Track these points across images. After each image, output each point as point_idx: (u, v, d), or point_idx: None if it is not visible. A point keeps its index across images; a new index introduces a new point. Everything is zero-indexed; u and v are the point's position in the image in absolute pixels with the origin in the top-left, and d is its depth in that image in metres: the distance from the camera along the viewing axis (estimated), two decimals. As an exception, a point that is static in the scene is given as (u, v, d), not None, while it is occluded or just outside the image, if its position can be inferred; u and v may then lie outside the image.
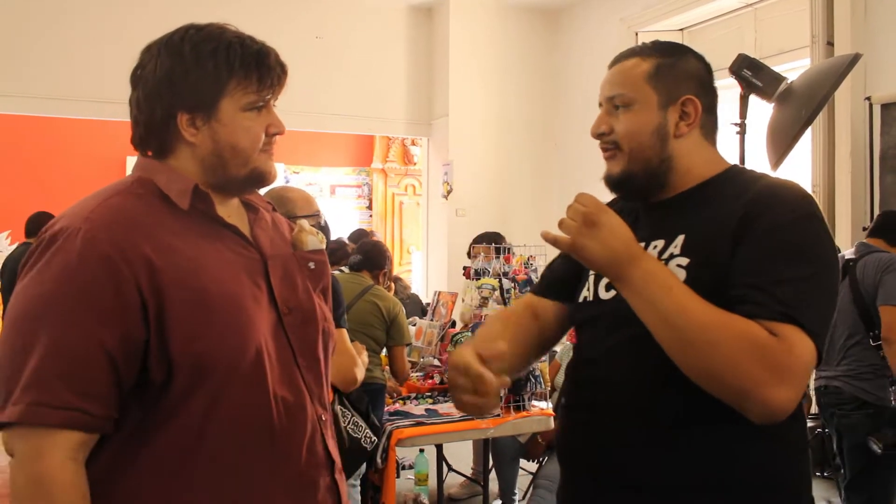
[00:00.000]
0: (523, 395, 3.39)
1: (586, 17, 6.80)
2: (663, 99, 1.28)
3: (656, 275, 1.14)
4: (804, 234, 1.16)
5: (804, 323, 1.08)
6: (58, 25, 5.93)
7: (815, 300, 1.12)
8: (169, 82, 1.16)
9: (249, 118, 1.19)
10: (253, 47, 1.19)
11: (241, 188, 1.25)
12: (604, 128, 1.31)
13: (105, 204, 1.13)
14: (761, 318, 1.09)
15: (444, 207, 6.87)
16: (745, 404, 1.09)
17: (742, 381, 1.07)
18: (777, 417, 1.09)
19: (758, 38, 5.43)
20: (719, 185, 1.27)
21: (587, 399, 1.32)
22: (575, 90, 6.85)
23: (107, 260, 1.06)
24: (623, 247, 1.16)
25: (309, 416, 1.23)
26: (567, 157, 6.86)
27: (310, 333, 1.28)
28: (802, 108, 2.40)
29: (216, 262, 1.17)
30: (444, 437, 3.41)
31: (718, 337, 1.08)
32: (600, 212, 1.17)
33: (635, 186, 1.32)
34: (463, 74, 6.80)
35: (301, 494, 1.21)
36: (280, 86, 1.23)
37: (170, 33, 1.21)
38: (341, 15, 6.75)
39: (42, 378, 1.03)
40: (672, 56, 1.31)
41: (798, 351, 1.08)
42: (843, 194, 4.67)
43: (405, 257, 9.76)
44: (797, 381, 1.08)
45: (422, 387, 3.93)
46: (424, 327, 4.43)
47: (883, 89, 4.31)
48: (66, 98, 5.98)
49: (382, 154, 10.01)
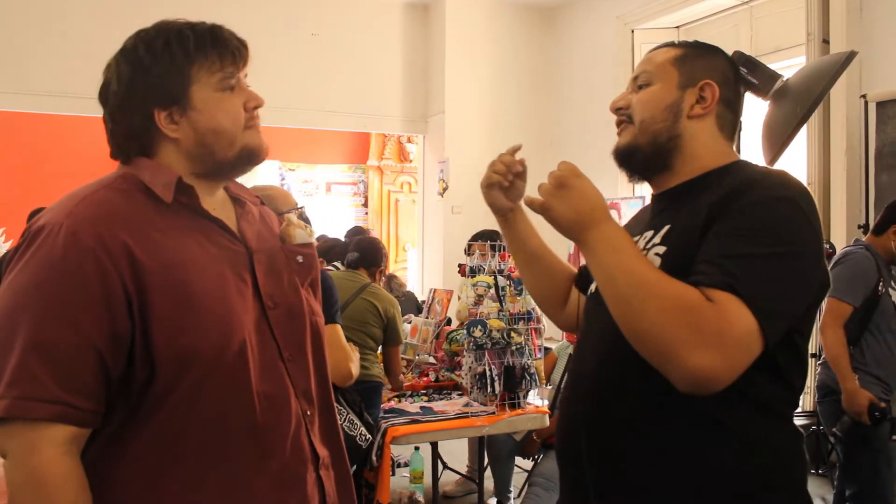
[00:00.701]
0: (518, 392, 3.39)
1: (583, 14, 6.79)
2: (684, 79, 1.30)
3: (610, 237, 1.17)
4: (771, 213, 1.13)
5: (744, 294, 1.05)
6: (54, 22, 5.90)
7: (767, 277, 1.08)
8: (135, 87, 1.16)
9: (224, 98, 1.18)
10: (203, 28, 1.19)
11: (235, 169, 1.24)
12: (621, 102, 1.35)
13: (88, 199, 1.13)
14: (702, 285, 1.08)
15: (439, 205, 6.86)
16: (668, 367, 1.07)
17: (666, 341, 1.05)
18: (701, 386, 1.05)
19: (753, 35, 5.43)
20: (717, 177, 1.26)
21: (574, 391, 1.34)
22: (571, 87, 6.85)
23: (90, 254, 1.06)
24: (588, 209, 1.19)
25: (293, 411, 1.22)
26: (563, 154, 6.84)
27: (296, 328, 1.27)
28: (798, 106, 2.40)
29: (200, 257, 1.16)
30: (440, 434, 3.41)
31: (649, 294, 1.08)
32: (573, 176, 1.22)
33: (639, 160, 1.32)
34: (459, 72, 6.79)
35: (286, 488, 1.21)
36: (243, 58, 1.21)
37: (123, 44, 1.21)
38: (337, 12, 6.73)
39: (27, 372, 1.02)
40: (703, 49, 1.35)
41: (729, 318, 1.04)
42: (839, 192, 4.67)
43: (401, 255, 9.75)
44: (724, 350, 1.04)
45: (417, 384, 3.93)
46: (420, 325, 4.42)
47: (878, 87, 4.31)
48: (63, 94, 5.96)
49: (378, 151, 9.99)
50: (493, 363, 3.38)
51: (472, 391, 3.49)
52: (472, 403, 3.48)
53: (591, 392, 1.28)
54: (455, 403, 3.58)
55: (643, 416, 1.19)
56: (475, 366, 3.42)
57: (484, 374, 3.38)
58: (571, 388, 1.36)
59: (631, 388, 1.21)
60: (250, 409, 1.16)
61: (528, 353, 3.46)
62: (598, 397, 1.26)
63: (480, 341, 3.36)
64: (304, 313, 1.29)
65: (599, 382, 1.26)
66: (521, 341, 3.43)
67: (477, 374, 3.42)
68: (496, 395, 3.36)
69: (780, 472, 1.19)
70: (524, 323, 3.50)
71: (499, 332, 3.39)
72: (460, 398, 3.67)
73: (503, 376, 3.36)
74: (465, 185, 6.69)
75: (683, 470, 1.16)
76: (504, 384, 3.35)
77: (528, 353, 3.47)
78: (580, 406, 1.30)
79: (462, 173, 6.71)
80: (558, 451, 1.39)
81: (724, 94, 1.31)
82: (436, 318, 4.40)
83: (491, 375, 3.36)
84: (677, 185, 1.31)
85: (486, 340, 3.37)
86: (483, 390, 3.39)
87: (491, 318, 3.47)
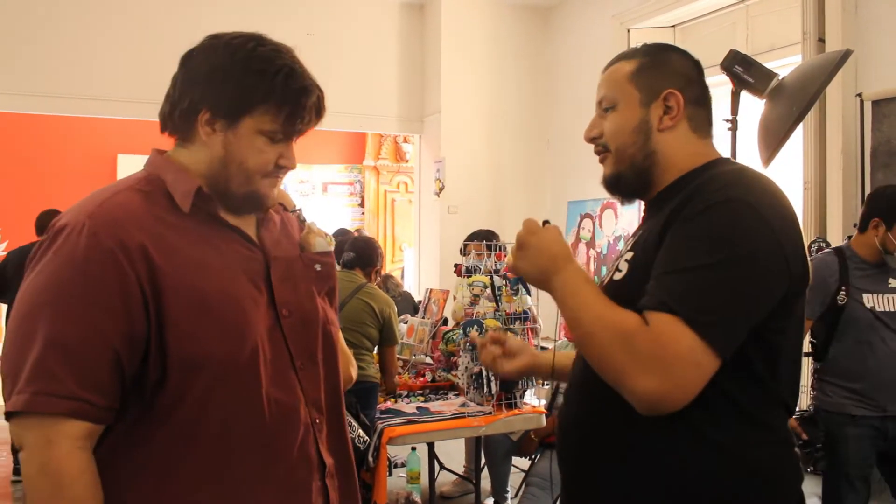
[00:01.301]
0: (515, 392, 3.39)
1: (578, 13, 6.79)
2: (645, 96, 1.30)
3: (568, 282, 1.22)
4: (715, 219, 1.12)
5: (679, 311, 1.06)
6: (49, 22, 5.89)
7: (703, 289, 1.08)
8: (208, 78, 1.18)
9: (265, 144, 1.20)
10: (297, 83, 1.20)
11: (237, 207, 1.24)
12: (594, 132, 1.36)
13: (110, 200, 1.14)
14: (645, 309, 1.10)
15: (435, 205, 6.85)
16: (622, 393, 1.11)
17: (612, 370, 1.11)
18: (655, 408, 1.08)
19: (749, 34, 5.43)
20: (690, 180, 1.25)
21: (567, 395, 1.37)
22: (567, 87, 6.85)
23: (110, 255, 1.08)
24: (548, 262, 1.25)
25: (302, 419, 1.23)
26: (559, 153, 6.85)
27: (309, 336, 1.28)
28: (794, 105, 2.40)
29: (217, 263, 1.18)
30: (436, 435, 3.40)
31: (594, 329, 1.13)
32: (528, 234, 1.28)
33: (626, 186, 1.34)
34: (455, 71, 6.79)
35: (291, 495, 1.22)
36: (309, 127, 1.25)
37: (239, 36, 1.21)
38: (333, 12, 6.73)
39: (45, 368, 1.05)
40: (655, 55, 1.33)
41: (664, 339, 1.06)
42: (835, 191, 4.67)
43: (397, 254, 9.75)
44: (665, 370, 1.05)
45: (413, 385, 3.92)
46: (416, 325, 4.41)
47: (874, 86, 4.32)
48: (57, 95, 5.95)
49: (374, 151, 9.99)
50: (490, 363, 3.37)
51: (468, 391, 3.49)
52: (468, 404, 3.48)
53: (579, 396, 1.31)
54: (452, 404, 3.58)
55: (621, 421, 1.19)
56: (472, 366, 3.42)
57: (480, 375, 3.37)
58: (567, 392, 1.39)
59: (610, 395, 1.19)
60: (260, 415, 1.17)
61: (524, 353, 3.46)
62: (584, 402, 1.29)
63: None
64: (318, 322, 1.30)
65: (589, 387, 1.26)
66: (518, 341, 3.42)
67: (473, 375, 3.42)
68: (493, 395, 3.35)
69: (767, 481, 1.17)
70: (520, 323, 3.50)
71: (495, 332, 3.38)
72: (457, 398, 3.67)
73: (499, 376, 3.36)
74: (462, 186, 6.69)
75: (660, 475, 1.16)
76: (500, 384, 3.35)
77: (525, 352, 3.47)
78: (568, 419, 1.33)
79: (458, 173, 6.70)
80: (557, 451, 1.41)
81: (690, 95, 1.30)
82: (432, 318, 4.39)
83: (487, 375, 3.35)
84: (658, 192, 1.31)
85: (482, 340, 3.36)
86: (479, 390, 3.38)
87: (487, 317, 3.46)
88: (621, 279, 1.23)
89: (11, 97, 5.90)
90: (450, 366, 3.90)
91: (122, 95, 6.05)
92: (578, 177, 6.33)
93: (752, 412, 1.16)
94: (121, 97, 6.06)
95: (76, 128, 8.36)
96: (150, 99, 6.86)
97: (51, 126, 8.25)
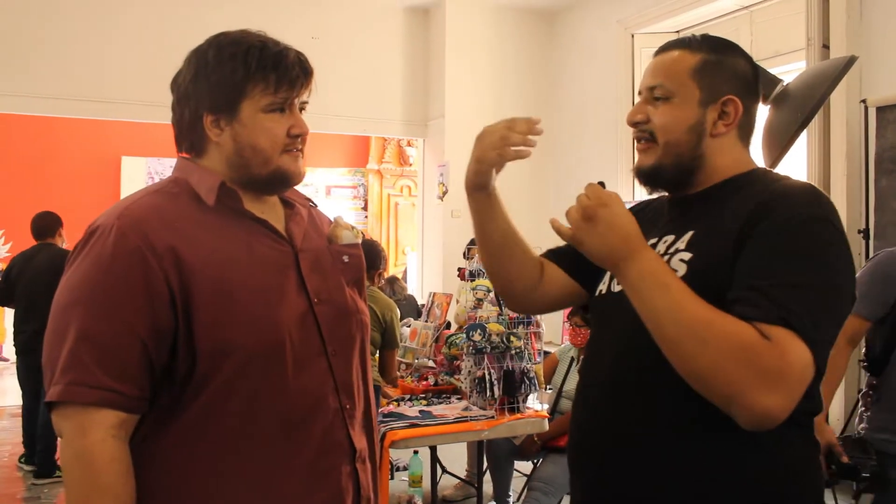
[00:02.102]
0: (518, 396, 3.39)
1: (583, 18, 6.79)
2: (705, 96, 1.25)
3: (653, 272, 1.12)
4: (811, 237, 1.11)
5: (799, 329, 1.04)
6: (53, 24, 5.90)
7: (816, 307, 1.07)
8: (195, 86, 1.24)
9: (271, 119, 1.24)
10: (272, 49, 1.24)
11: (266, 188, 1.30)
12: (640, 116, 1.29)
13: (139, 202, 1.22)
14: (755, 320, 1.05)
15: (439, 208, 6.85)
16: (732, 408, 1.05)
17: (728, 384, 1.03)
18: (766, 425, 1.05)
19: (754, 40, 5.43)
20: (739, 185, 1.24)
21: (590, 398, 1.32)
22: (571, 92, 6.85)
23: (137, 253, 1.14)
24: (620, 242, 1.15)
25: (330, 405, 1.27)
26: (563, 158, 6.85)
27: (342, 323, 1.32)
28: (798, 111, 2.39)
29: (243, 256, 1.22)
30: (439, 438, 3.40)
31: (707, 336, 1.05)
32: (599, 206, 1.17)
33: (663, 180, 1.31)
34: (459, 76, 6.80)
35: (317, 480, 1.25)
36: (303, 86, 1.27)
37: (205, 41, 1.28)
38: (338, 16, 6.74)
39: (78, 360, 1.11)
40: (720, 53, 1.28)
41: (791, 357, 1.03)
42: (839, 196, 4.67)
43: (400, 258, 9.76)
44: (788, 389, 1.03)
45: (416, 388, 3.92)
46: (419, 328, 4.41)
47: (878, 92, 4.31)
48: (62, 97, 5.96)
49: (378, 155, 10.01)
50: (493, 367, 3.37)
51: (471, 395, 3.48)
52: (471, 407, 3.47)
53: (608, 396, 1.26)
54: (454, 407, 3.58)
55: (662, 421, 1.18)
56: (474, 370, 3.42)
57: (483, 378, 3.37)
58: (585, 391, 1.34)
59: (650, 394, 1.19)
60: (284, 402, 1.21)
61: (527, 357, 3.46)
62: (616, 402, 1.24)
63: (480, 345, 3.36)
64: (349, 310, 1.34)
65: (619, 387, 1.24)
66: (521, 345, 3.43)
67: (476, 378, 3.41)
68: (495, 399, 3.35)
69: (799, 481, 1.19)
70: (524, 327, 3.50)
71: (498, 335, 3.38)
72: (459, 402, 3.67)
73: (502, 380, 3.36)
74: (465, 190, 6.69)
75: (702, 475, 1.15)
76: (503, 388, 3.34)
77: (528, 356, 3.47)
78: (596, 409, 1.28)
79: (462, 177, 6.65)
80: (572, 453, 1.36)
81: (747, 103, 1.28)
82: (435, 321, 4.39)
83: (490, 379, 3.35)
84: (696, 192, 1.29)
85: (485, 344, 3.36)
86: (482, 394, 3.38)
87: (490, 321, 3.46)
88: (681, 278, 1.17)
89: (16, 99, 5.91)
90: (453, 369, 3.90)
91: (127, 97, 6.07)
92: (582, 182, 6.30)
93: (793, 415, 1.14)
94: (125, 99, 6.07)
95: (80, 130, 8.39)
96: (154, 101, 6.88)
97: (55, 128, 8.27)
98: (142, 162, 9.11)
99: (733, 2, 5.41)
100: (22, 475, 4.95)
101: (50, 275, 4.83)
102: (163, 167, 9.09)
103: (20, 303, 4.89)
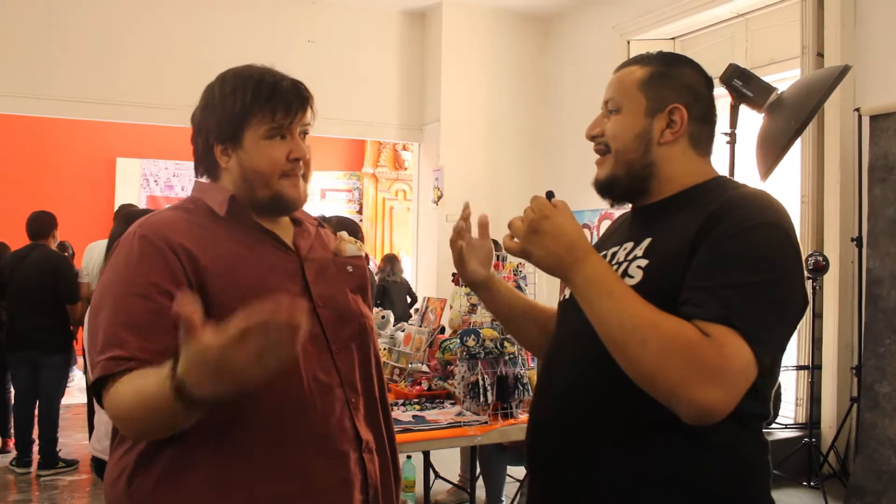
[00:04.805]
0: (511, 402, 3.39)
1: (578, 24, 6.82)
2: (652, 106, 1.30)
3: (597, 278, 1.17)
4: (760, 241, 1.14)
5: (739, 326, 1.07)
6: (49, 26, 5.90)
7: (760, 307, 1.10)
8: (204, 118, 1.38)
9: (271, 145, 1.35)
10: (269, 80, 1.36)
11: (269, 211, 1.39)
12: (596, 130, 1.37)
13: (157, 215, 1.36)
14: (698, 319, 1.09)
15: (434, 213, 6.87)
16: (674, 404, 1.08)
17: (669, 379, 1.07)
18: (708, 419, 1.08)
19: (749, 48, 5.46)
20: (697, 193, 1.28)
21: (543, 400, 1.35)
22: (566, 97, 6.87)
23: (158, 248, 1.26)
24: (565, 252, 1.20)
25: (338, 397, 1.35)
26: (558, 163, 6.87)
27: (344, 325, 1.40)
28: (792, 119, 2.41)
29: (251, 260, 1.32)
30: (432, 443, 3.39)
31: (647, 336, 1.09)
32: (542, 218, 1.23)
33: (619, 190, 1.35)
34: (455, 80, 6.81)
35: (332, 461, 1.33)
36: (298, 112, 1.37)
37: (215, 77, 1.41)
38: (334, 20, 6.75)
39: (114, 339, 1.20)
40: (669, 66, 1.33)
41: (728, 352, 1.06)
42: (832, 205, 4.69)
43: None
44: (728, 384, 1.06)
45: (409, 393, 3.92)
46: (413, 333, 4.41)
47: (872, 101, 4.34)
48: (57, 98, 5.96)
49: (373, 159, 10.02)
50: (486, 373, 3.37)
51: (464, 400, 3.48)
52: (464, 413, 3.47)
53: (563, 398, 1.28)
54: (448, 413, 3.57)
55: (615, 422, 1.20)
56: (468, 375, 3.41)
57: (477, 384, 3.37)
58: (541, 394, 1.37)
59: (604, 396, 1.21)
60: (298, 387, 1.29)
61: (521, 363, 3.46)
62: (570, 404, 1.27)
63: (474, 350, 3.36)
64: (353, 314, 1.42)
65: (574, 389, 1.26)
66: (515, 351, 3.42)
67: (470, 384, 3.41)
68: (489, 404, 3.35)
69: (752, 480, 1.22)
70: (517, 332, 3.49)
71: (492, 341, 3.38)
72: (453, 407, 3.66)
73: (496, 386, 3.35)
74: (460, 194, 6.70)
75: (654, 474, 1.17)
76: (497, 394, 3.34)
77: (521, 362, 3.46)
78: (552, 412, 1.31)
79: (457, 182, 6.71)
80: (529, 453, 1.38)
81: (695, 112, 1.31)
82: (429, 326, 4.39)
83: (484, 385, 3.35)
84: (655, 201, 1.32)
85: (479, 350, 3.36)
86: (476, 400, 3.38)
87: (484, 327, 3.46)
88: (635, 285, 1.20)
89: (11, 99, 5.91)
90: (446, 375, 3.89)
91: (122, 99, 6.06)
92: (576, 187, 6.32)
93: (745, 417, 1.19)
94: (120, 101, 6.07)
95: (76, 131, 8.37)
96: (149, 103, 6.88)
97: (51, 129, 8.26)
98: (137, 163, 9.09)
99: (729, 9, 5.43)
100: (14, 478, 4.92)
101: (41, 275, 4.86)
102: (157, 169, 9.08)
103: (10, 302, 4.93)
